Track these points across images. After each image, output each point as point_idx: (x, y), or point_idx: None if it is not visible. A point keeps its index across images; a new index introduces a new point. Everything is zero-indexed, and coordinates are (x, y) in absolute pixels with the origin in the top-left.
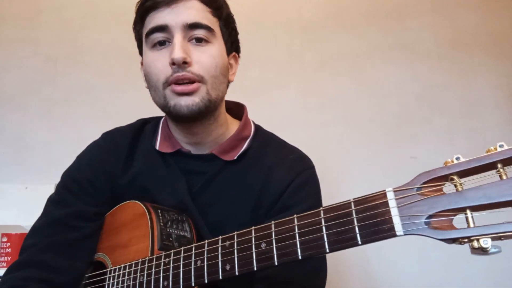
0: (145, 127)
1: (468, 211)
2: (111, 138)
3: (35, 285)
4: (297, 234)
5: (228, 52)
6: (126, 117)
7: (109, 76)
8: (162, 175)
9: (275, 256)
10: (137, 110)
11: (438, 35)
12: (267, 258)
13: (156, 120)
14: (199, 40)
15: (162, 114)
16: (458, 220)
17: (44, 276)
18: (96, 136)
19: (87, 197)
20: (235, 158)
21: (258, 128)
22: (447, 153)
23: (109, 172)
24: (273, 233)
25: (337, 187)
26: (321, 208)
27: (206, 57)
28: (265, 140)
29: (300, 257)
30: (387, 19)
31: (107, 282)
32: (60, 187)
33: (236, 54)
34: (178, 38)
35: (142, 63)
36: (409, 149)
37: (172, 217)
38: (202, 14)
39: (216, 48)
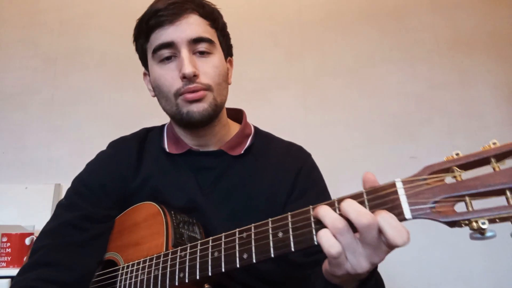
0: (148, 134)
1: (467, 198)
2: (118, 146)
3: (45, 284)
4: (312, 223)
5: (225, 58)
6: (125, 117)
7: (109, 76)
8: (172, 175)
9: (292, 243)
10: (136, 110)
11: (438, 35)
12: (284, 246)
13: (158, 127)
14: (202, 53)
15: (160, 121)
16: (459, 207)
17: (55, 276)
18: (96, 136)
19: (96, 201)
20: (242, 152)
21: (256, 128)
22: (447, 153)
23: (121, 176)
24: (290, 223)
25: (336, 187)
26: (335, 199)
27: (210, 68)
28: (265, 137)
29: (315, 243)
30: (387, 19)
31: (119, 278)
32: (70, 192)
33: (231, 58)
34: (185, 53)
35: (145, 74)
36: (409, 149)
37: (184, 219)
38: (203, 28)
39: (217, 58)
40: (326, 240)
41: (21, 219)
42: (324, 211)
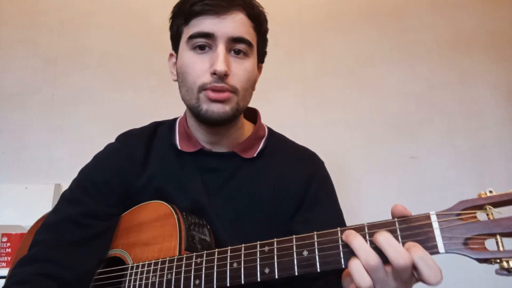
0: (158, 129)
1: (498, 236)
2: (126, 141)
3: (44, 280)
4: (340, 245)
5: (258, 63)
6: (125, 117)
7: (109, 76)
8: (178, 175)
9: (318, 263)
10: (136, 110)
11: (438, 35)
12: (309, 265)
13: (170, 121)
14: (237, 52)
15: (166, 116)
16: (489, 243)
17: (53, 273)
18: (96, 136)
19: (100, 197)
20: (255, 155)
21: (270, 129)
22: (447, 153)
23: (125, 174)
24: (316, 243)
25: (337, 187)
26: (365, 224)
27: (242, 71)
28: (278, 140)
29: (343, 266)
30: (387, 19)
31: (128, 278)
32: (74, 185)
33: (261, 64)
34: (221, 49)
35: (171, 55)
36: (409, 149)
37: (195, 221)
38: (246, 29)
39: (251, 63)
40: (358, 273)
41: (21, 219)
42: (358, 244)
